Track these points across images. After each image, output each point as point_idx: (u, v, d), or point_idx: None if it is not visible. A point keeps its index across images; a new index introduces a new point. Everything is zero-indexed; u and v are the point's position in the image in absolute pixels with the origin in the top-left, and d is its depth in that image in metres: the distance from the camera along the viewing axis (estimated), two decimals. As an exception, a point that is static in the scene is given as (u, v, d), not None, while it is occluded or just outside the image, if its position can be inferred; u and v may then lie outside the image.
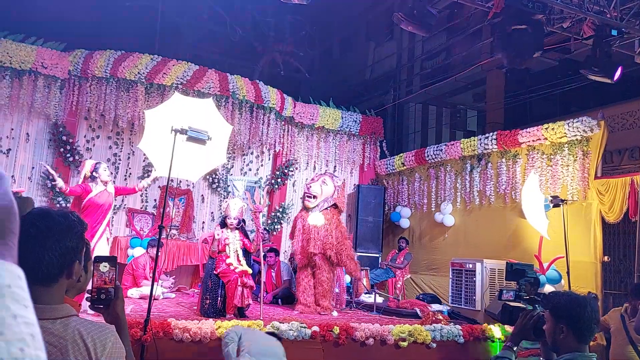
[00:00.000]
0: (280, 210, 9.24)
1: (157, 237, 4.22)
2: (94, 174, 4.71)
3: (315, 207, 6.03)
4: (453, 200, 8.11)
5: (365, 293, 7.39)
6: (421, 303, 6.63)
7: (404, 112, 11.32)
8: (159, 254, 4.15)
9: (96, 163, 4.83)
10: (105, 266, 1.23)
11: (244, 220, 6.03)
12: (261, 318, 4.86)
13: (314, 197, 6.02)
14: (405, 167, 9.29)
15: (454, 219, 8.08)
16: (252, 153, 9.18)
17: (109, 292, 1.23)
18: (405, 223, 9.17)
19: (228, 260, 5.19)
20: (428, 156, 8.61)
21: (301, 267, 5.99)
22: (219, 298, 5.06)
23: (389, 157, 9.95)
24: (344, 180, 6.88)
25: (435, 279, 8.26)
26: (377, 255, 9.21)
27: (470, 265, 6.31)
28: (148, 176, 5.22)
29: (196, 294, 7.15)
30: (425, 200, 8.75)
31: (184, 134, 4.13)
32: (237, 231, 5.40)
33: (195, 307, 5.40)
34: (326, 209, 6.09)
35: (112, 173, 7.00)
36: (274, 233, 9.13)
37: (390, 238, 9.76)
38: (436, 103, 11.67)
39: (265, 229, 8.57)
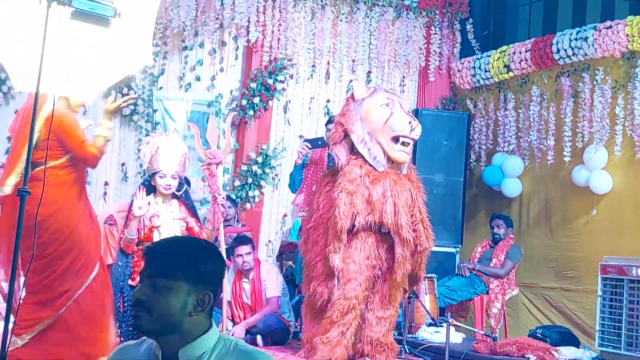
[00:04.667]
0: (261, 159, 9.33)
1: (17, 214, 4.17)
2: None
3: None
4: (609, 141, 8.08)
5: (430, 324, 7.43)
6: (540, 345, 6.69)
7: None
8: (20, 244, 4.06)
9: None
10: None
11: (187, 181, 5.98)
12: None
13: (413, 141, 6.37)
14: (512, 75, 9.30)
15: (612, 179, 8.06)
16: (201, 45, 9.32)
17: None
18: (511, 187, 9.21)
19: (157, 260, 5.20)
20: (558, 51, 8.60)
21: (351, 276, 6.13)
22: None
23: (478, 55, 9.96)
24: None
25: (572, 299, 8.32)
26: (453, 250, 9.34)
27: (644, 272, 6.37)
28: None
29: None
30: (551, 141, 8.74)
31: (67, 4, 4.15)
32: (175, 202, 5.41)
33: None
34: None
35: None
36: (248, 205, 9.26)
37: (479, 217, 9.77)
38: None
39: (230, 197, 8.59)
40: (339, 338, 5.99)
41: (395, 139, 6.09)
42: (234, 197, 8.93)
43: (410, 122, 6.10)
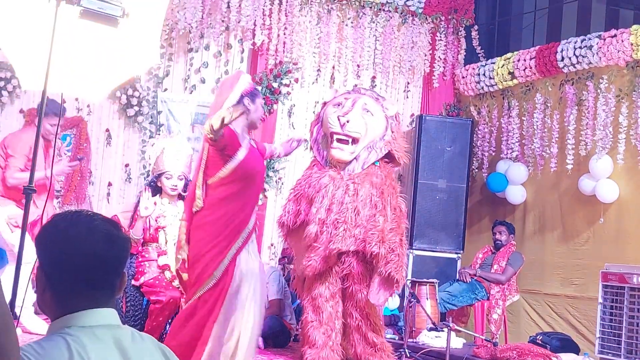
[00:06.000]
0: (265, 162, 9.18)
1: (23, 211, 4.24)
2: None
3: (353, 160, 6.11)
4: (612, 149, 8.09)
5: (431, 329, 7.41)
6: (540, 351, 6.71)
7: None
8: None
9: None
10: None
11: (192, 182, 6.01)
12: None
13: (354, 140, 6.06)
14: (516, 82, 9.32)
15: (618, 187, 8.04)
16: (207, 48, 9.34)
17: None
18: (515, 194, 9.20)
19: (162, 261, 5.17)
20: (563, 59, 8.62)
21: (314, 277, 6.09)
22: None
23: (483, 62, 9.97)
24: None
25: (575, 306, 8.32)
26: (455, 255, 9.33)
27: (644, 279, 6.35)
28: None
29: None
30: (555, 148, 8.74)
31: (76, 4, 4.18)
32: (181, 203, 5.47)
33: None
34: (374, 163, 6.18)
35: None
36: (252, 209, 9.21)
37: (483, 224, 9.76)
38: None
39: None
40: (325, 340, 5.99)
41: (332, 136, 6.08)
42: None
43: (339, 118, 6.03)
